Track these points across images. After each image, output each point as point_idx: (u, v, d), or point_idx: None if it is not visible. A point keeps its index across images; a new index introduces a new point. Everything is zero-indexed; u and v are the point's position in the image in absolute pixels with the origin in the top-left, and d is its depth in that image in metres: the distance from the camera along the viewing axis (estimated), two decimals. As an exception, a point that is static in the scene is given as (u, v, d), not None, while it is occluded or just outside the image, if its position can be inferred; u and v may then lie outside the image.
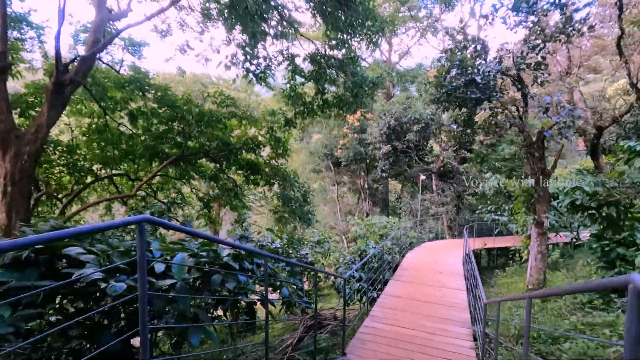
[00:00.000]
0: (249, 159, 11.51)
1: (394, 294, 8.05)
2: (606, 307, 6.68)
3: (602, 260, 7.58)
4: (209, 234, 2.50)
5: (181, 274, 2.43)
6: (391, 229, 14.62)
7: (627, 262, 7.23)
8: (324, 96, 10.46)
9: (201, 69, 58.44)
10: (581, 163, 25.64)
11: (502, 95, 8.84)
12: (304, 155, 26.45)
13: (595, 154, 16.27)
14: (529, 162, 8.47)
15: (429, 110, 17.74)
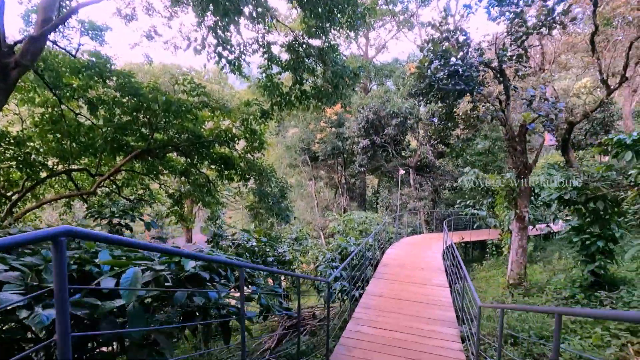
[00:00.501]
0: (223, 152, 10.84)
1: (376, 293, 7.74)
2: (589, 302, 6.65)
3: (582, 253, 7.59)
4: (158, 244, 1.98)
5: (131, 294, 1.91)
6: (370, 224, 14.38)
7: (606, 256, 7.26)
8: (302, 87, 9.95)
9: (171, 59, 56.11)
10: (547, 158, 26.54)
11: (484, 87, 8.68)
12: (280, 149, 25.82)
13: (566, 149, 16.70)
14: (510, 156, 8.36)
15: (407, 104, 17.60)
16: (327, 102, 9.87)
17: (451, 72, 8.29)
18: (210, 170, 11.83)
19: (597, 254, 7.27)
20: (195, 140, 9.67)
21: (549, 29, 8.34)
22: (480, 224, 13.41)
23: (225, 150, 10.85)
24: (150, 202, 13.38)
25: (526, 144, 8.29)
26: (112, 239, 1.37)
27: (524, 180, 8.11)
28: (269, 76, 9.79)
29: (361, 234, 13.43)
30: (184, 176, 11.73)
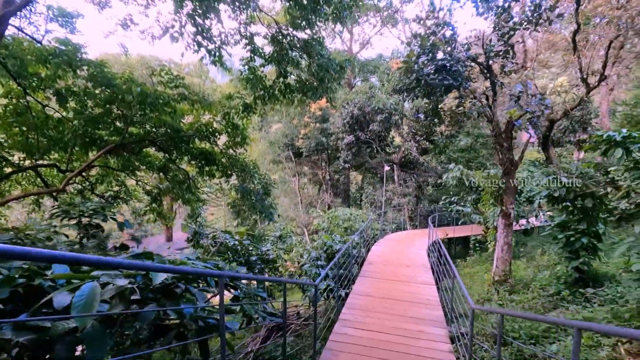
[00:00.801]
0: (203, 148, 10.39)
1: (363, 293, 7.56)
2: (574, 298, 6.67)
3: (566, 250, 7.63)
4: (114, 259, 1.60)
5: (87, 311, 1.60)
6: (355, 221, 14.24)
7: (590, 252, 7.31)
8: (286, 80, 9.63)
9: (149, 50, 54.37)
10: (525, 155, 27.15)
11: (471, 83, 8.59)
12: (263, 145, 25.34)
13: (546, 146, 17.00)
14: (497, 152, 8.32)
15: (392, 100, 17.49)
16: (313, 97, 9.58)
17: (439, 67, 8.15)
18: (190, 166, 11.35)
19: (581, 250, 7.31)
20: (173, 135, 9.19)
21: (536, 24, 8.31)
22: (465, 220, 13.46)
23: (206, 146, 10.40)
24: (126, 200, 12.81)
25: (512, 141, 8.26)
26: (35, 255, 1.07)
27: (510, 176, 8.08)
28: (252, 68, 9.41)
29: (346, 231, 13.26)
30: (162, 172, 11.22)
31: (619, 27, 12.28)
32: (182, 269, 1.89)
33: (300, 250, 11.18)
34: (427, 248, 12.56)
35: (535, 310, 6.27)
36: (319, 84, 8.95)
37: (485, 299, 7.91)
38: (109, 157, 10.34)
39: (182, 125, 9.60)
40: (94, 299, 1.63)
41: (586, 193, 5.19)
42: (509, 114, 8.55)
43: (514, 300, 7.51)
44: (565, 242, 7.47)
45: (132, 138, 9.12)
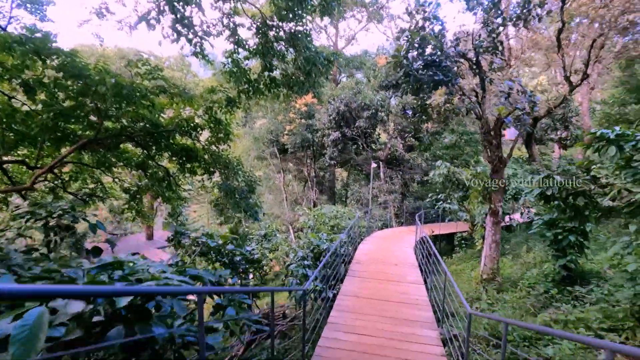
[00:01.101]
0: (184, 144, 9.93)
1: (351, 293, 7.36)
2: (563, 297, 6.64)
3: (554, 247, 7.63)
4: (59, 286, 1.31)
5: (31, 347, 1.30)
6: (342, 218, 14.05)
7: (577, 250, 7.32)
8: (272, 74, 9.29)
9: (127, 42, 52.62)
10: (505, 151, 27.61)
11: (460, 79, 8.47)
12: (247, 141, 24.82)
13: (530, 143, 17.23)
14: (486, 149, 8.24)
15: (379, 97, 17.34)
16: (299, 91, 9.27)
17: (428, 62, 7.98)
18: (171, 163, 10.87)
19: (569, 248, 7.31)
20: (152, 130, 8.71)
21: (525, 21, 8.24)
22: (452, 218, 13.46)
23: (188, 142, 9.95)
24: (103, 198, 12.23)
25: (501, 138, 8.20)
26: None
27: (498, 174, 8.01)
28: (236, 61, 9.03)
29: (333, 229, 13.06)
30: (141, 169, 10.70)
31: (602, 27, 12.45)
32: (149, 289, 1.59)
33: (286, 249, 10.91)
34: (414, 245, 12.50)
35: (525, 310, 6.20)
36: (306, 78, 8.66)
37: (474, 298, 7.85)
38: (84, 153, 9.79)
39: (161, 120, 9.13)
40: (39, 329, 1.32)
41: (578, 191, 5.12)
42: (497, 111, 8.48)
43: (501, 299, 7.46)
44: (552, 240, 7.46)
45: (108, 133, 8.61)
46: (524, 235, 13.51)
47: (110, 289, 1.32)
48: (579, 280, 7.03)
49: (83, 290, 1.16)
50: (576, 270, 7.27)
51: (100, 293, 1.20)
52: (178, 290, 1.71)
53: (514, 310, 6.31)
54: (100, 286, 1.28)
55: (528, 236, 13.21)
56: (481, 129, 8.26)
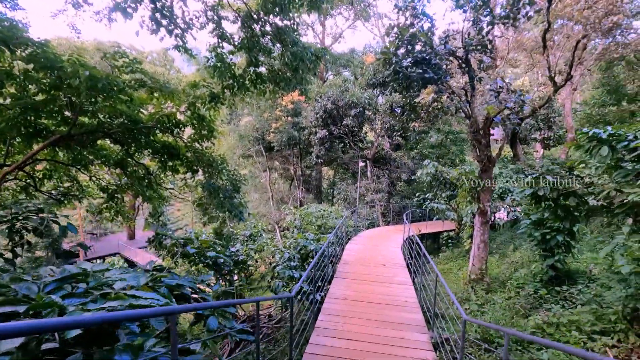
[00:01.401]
0: (166, 141, 9.52)
1: (339, 296, 7.17)
2: (551, 297, 6.62)
3: (541, 247, 7.62)
4: None
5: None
6: (329, 218, 13.86)
7: (565, 249, 7.33)
8: (258, 69, 8.99)
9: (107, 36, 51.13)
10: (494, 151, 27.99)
11: (450, 77, 8.37)
12: (232, 138, 24.33)
13: (515, 143, 17.43)
14: (475, 149, 8.17)
15: (366, 94, 17.19)
16: (286, 87, 9.01)
17: (418, 60, 7.84)
18: (152, 161, 10.44)
19: (556, 248, 7.31)
20: (131, 126, 8.30)
21: (514, 19, 8.20)
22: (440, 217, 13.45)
23: (169, 139, 9.55)
24: (79, 197, 11.70)
25: (490, 137, 8.14)
26: None
27: (487, 174, 7.95)
28: (220, 55, 8.69)
29: (320, 229, 12.86)
30: (119, 167, 10.24)
31: (586, 28, 12.60)
32: (106, 316, 1.32)
33: (272, 249, 10.65)
34: (401, 245, 12.42)
35: (515, 312, 6.14)
36: (293, 74, 8.40)
37: (463, 299, 7.78)
38: (58, 150, 9.31)
39: (141, 116, 8.71)
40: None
41: (569, 192, 5.06)
42: (486, 110, 8.42)
43: (490, 300, 7.41)
44: (540, 240, 7.45)
45: (83, 129, 8.15)
46: (509, 234, 13.63)
47: (53, 323, 1.05)
48: (566, 280, 7.02)
49: (14, 328, 0.91)
50: (563, 270, 7.28)
51: (39, 328, 0.94)
52: (142, 314, 1.45)
53: (504, 312, 6.24)
54: (33, 321, 1.02)
55: (513, 235, 13.33)
56: (470, 127, 8.18)
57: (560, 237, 7.13)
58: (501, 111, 7.41)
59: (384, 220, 18.91)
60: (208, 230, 11.12)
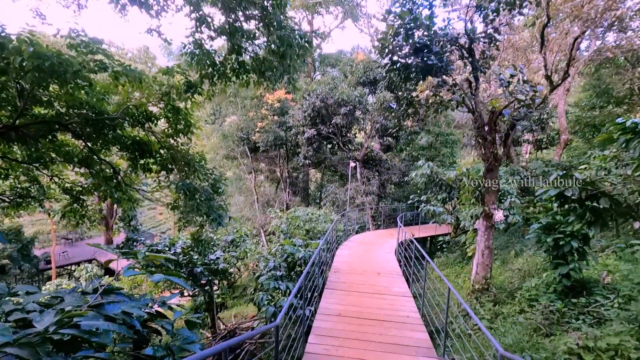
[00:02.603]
0: (136, 136, 8.50)
1: (332, 311, 6.29)
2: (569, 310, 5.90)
3: (552, 254, 6.95)
4: None
5: None
6: (318, 222, 12.99)
7: (580, 257, 6.66)
8: (240, 57, 8.08)
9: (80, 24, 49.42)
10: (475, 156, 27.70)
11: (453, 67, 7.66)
12: (216, 138, 23.19)
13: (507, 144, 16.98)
14: (479, 146, 7.46)
15: (356, 92, 16.43)
16: (272, 77, 8.12)
17: (419, 46, 7.08)
18: (121, 159, 9.37)
19: (570, 255, 6.63)
20: (94, 118, 7.26)
21: (520, 6, 7.56)
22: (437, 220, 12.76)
23: (140, 134, 8.53)
24: (40, 200, 10.53)
25: (496, 134, 7.45)
26: None
27: (493, 174, 7.25)
28: (198, 41, 7.75)
29: (308, 234, 11.97)
30: (84, 166, 9.13)
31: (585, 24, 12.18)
32: None
33: (256, 256, 9.69)
34: (395, 250, 11.66)
35: (533, 329, 5.39)
36: (280, 61, 7.54)
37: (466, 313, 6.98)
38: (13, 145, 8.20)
39: (106, 107, 7.68)
40: None
41: (600, 192, 4.38)
42: (491, 105, 7.73)
43: (499, 312, 6.66)
44: (552, 246, 6.77)
45: (36, 119, 7.07)
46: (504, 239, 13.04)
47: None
48: (584, 291, 6.34)
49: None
50: (577, 279, 6.61)
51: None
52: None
53: (519, 329, 5.49)
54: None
55: (509, 240, 12.73)
56: (474, 123, 7.47)
57: (575, 243, 6.46)
58: (510, 104, 6.72)
59: (374, 224, 18.15)
60: (186, 236, 10.08)
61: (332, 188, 19.88)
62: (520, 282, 7.47)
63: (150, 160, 8.92)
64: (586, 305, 5.88)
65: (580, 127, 20.29)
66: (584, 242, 6.70)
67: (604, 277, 7.02)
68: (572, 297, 6.22)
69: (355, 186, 17.98)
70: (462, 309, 7.38)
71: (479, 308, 6.97)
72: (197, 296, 10.47)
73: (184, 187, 7.98)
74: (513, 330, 5.58)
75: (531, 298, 6.56)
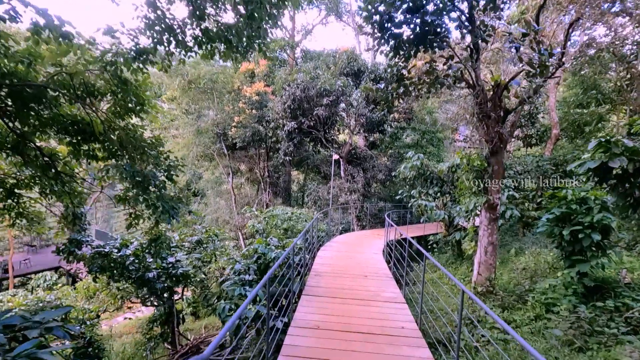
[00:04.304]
0: (77, 115, 7.11)
1: (309, 323, 5.05)
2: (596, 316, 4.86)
3: (568, 250, 5.94)
4: None
5: None
6: (297, 220, 11.75)
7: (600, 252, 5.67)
8: (203, 23, 6.85)
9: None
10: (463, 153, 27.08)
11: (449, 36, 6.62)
12: (189, 133, 21.63)
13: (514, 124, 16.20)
14: (482, 125, 6.43)
15: (340, 82, 15.34)
16: (240, 45, 6.92)
17: (412, 7, 6.01)
18: (61, 143, 7.90)
19: (589, 250, 5.63)
20: (13, 88, 5.85)
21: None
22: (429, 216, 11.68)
23: (81, 112, 7.12)
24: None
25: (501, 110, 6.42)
26: None
27: (499, 157, 6.22)
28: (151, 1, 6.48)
29: (286, 233, 10.72)
30: (17, 153, 7.65)
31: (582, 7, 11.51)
32: None
33: (224, 258, 8.37)
34: (382, 250, 10.55)
35: (563, 342, 4.30)
36: (248, 22, 6.34)
37: (471, 320, 5.90)
38: None
39: (34, 77, 6.27)
40: None
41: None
42: (493, 80, 6.73)
43: (509, 320, 5.58)
44: (568, 240, 5.76)
45: None
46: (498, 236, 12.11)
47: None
48: (607, 292, 5.33)
49: None
50: (599, 278, 5.61)
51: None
52: None
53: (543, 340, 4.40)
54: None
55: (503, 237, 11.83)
56: (476, 98, 6.44)
57: (596, 236, 5.46)
58: (520, 73, 5.72)
59: (358, 224, 17.02)
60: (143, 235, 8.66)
61: (314, 186, 18.68)
62: (531, 284, 6.44)
63: (95, 145, 7.54)
64: (615, 310, 4.86)
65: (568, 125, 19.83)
66: (604, 234, 5.73)
67: (623, 276, 6.07)
68: (596, 299, 5.20)
69: (339, 184, 16.84)
70: (465, 316, 6.28)
71: (485, 314, 5.89)
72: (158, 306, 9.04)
73: (129, 173, 6.61)
74: (536, 343, 4.51)
75: (548, 302, 5.52)
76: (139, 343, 9.68)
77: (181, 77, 18.88)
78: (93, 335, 9.49)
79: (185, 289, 9.39)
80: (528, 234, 11.00)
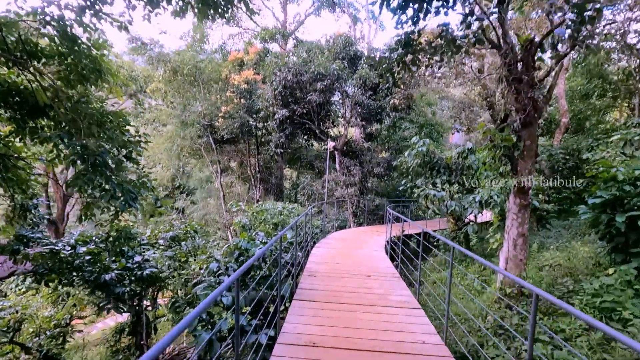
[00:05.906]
0: (18, 84, 5.85)
1: (300, 339, 3.86)
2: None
3: (620, 241, 4.85)
4: None
5: None
6: (289, 215, 10.56)
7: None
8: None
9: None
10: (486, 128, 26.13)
11: None
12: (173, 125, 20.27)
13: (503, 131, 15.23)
14: (511, 91, 5.30)
15: (335, 65, 14.16)
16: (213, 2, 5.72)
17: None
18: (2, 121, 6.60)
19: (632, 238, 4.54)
20: None
21: None
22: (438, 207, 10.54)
23: (22, 80, 5.84)
24: None
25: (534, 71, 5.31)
26: None
27: (531, 129, 5.11)
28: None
29: (276, 229, 9.52)
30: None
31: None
32: None
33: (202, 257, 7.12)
34: (384, 247, 9.42)
35: None
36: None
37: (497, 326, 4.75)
38: None
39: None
40: None
41: None
42: (521, 40, 5.62)
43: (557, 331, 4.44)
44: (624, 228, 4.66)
45: None
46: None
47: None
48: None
49: None
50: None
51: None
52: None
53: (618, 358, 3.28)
54: None
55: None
56: (504, 59, 5.30)
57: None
58: (560, 24, 4.62)
59: (355, 220, 15.87)
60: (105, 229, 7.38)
61: (307, 179, 17.49)
62: (574, 284, 5.31)
63: (42, 121, 6.27)
64: None
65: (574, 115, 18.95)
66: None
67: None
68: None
69: (334, 177, 15.66)
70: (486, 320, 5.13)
71: (519, 321, 4.76)
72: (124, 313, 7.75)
73: (74, 150, 5.35)
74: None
75: (605, 307, 4.40)
76: (106, 357, 8.40)
77: (164, 63, 17.55)
78: (52, 348, 8.19)
79: (157, 293, 8.14)
80: (542, 229, 9.96)
